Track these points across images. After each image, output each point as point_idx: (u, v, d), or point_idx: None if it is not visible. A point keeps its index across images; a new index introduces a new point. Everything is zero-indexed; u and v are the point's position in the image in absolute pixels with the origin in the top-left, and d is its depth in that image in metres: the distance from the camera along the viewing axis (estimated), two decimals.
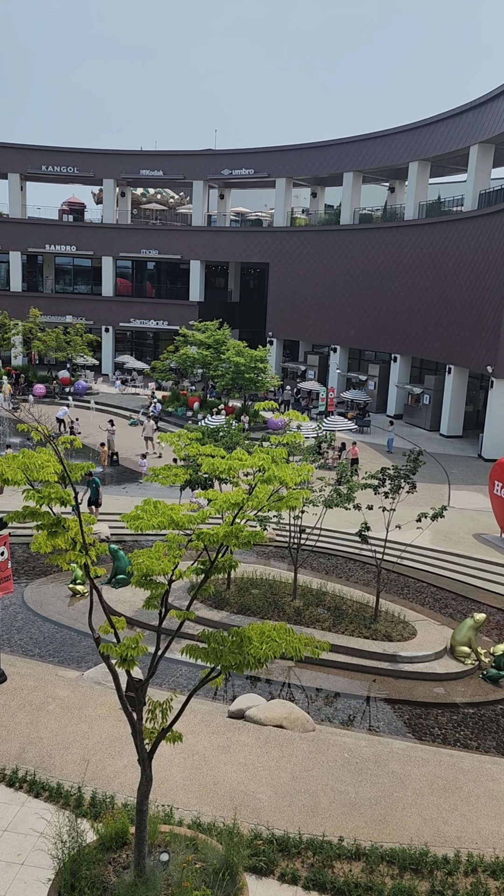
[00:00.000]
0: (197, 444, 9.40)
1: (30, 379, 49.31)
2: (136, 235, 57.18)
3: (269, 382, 41.08)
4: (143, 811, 8.58)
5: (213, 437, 21.58)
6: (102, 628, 8.55)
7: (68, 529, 8.39)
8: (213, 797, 11.22)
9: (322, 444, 21.90)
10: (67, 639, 17.56)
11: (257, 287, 61.82)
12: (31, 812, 10.64)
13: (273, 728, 13.24)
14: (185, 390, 46.44)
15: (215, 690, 15.41)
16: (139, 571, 8.01)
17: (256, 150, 53.66)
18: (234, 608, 18.63)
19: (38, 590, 20.29)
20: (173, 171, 55.90)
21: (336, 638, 17.20)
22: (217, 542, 8.06)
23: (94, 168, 56.38)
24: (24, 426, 9.54)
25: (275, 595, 19.26)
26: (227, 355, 40.32)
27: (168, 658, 15.46)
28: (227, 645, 8.13)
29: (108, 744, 12.41)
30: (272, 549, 24.17)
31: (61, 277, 61.73)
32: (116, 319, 56.94)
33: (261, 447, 9.57)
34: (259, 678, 16.23)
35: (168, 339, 53.09)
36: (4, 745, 12.21)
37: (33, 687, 14.16)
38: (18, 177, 56.18)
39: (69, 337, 48.15)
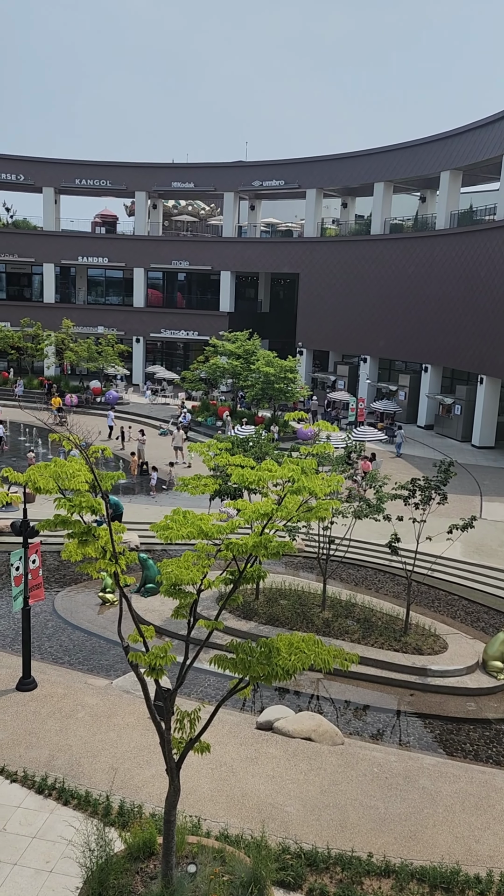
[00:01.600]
0: (226, 455, 9.42)
1: (62, 389, 49.90)
2: (167, 247, 57.69)
3: (298, 393, 41.04)
4: (171, 822, 8.57)
5: (243, 447, 21.60)
6: (131, 637, 8.59)
7: (98, 538, 8.46)
8: (241, 809, 11.16)
9: (351, 453, 21.79)
10: (97, 647, 17.65)
11: (287, 297, 61.91)
12: (59, 819, 10.68)
13: (301, 740, 13.14)
14: (215, 400, 46.60)
15: (243, 701, 15.36)
16: (168, 581, 8.04)
17: (287, 161, 53.89)
18: (263, 619, 18.57)
19: (69, 598, 20.44)
20: (204, 183, 56.37)
21: (365, 650, 17.04)
22: (246, 552, 8.06)
23: (126, 181, 57.09)
24: (56, 436, 9.65)
25: (303, 606, 19.16)
26: (256, 365, 40.38)
27: (196, 668, 15.46)
28: (256, 656, 8.10)
29: (137, 753, 12.43)
30: (301, 560, 24.07)
31: (93, 289, 62.51)
32: (147, 330, 57.43)
33: (290, 457, 9.55)
34: (287, 690, 16.14)
35: (198, 350, 53.39)
36: (34, 752, 12.29)
37: (63, 694, 14.25)
38: (53, 190, 57.11)
39: (101, 347, 48.68)
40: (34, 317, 53.12)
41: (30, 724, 13.15)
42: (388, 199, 48.73)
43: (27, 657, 14.45)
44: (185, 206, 66.69)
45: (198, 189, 57.23)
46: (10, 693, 14.16)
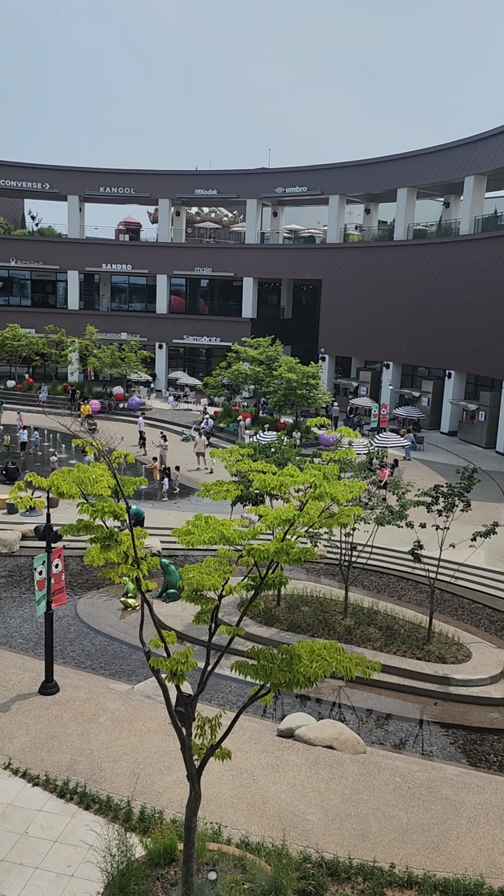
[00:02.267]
0: (248, 460, 9.42)
1: (85, 395, 50.27)
2: (190, 254, 58.00)
3: (320, 399, 40.97)
4: (192, 828, 8.55)
5: (265, 453, 21.58)
6: (153, 642, 8.60)
7: (121, 543, 8.49)
8: (262, 817, 11.10)
9: (373, 459, 21.68)
10: (118, 652, 17.70)
11: (310, 303, 61.88)
12: (81, 824, 10.71)
13: (323, 748, 13.06)
14: (238, 406, 46.66)
15: (264, 708, 15.30)
16: (190, 586, 8.05)
17: (310, 167, 53.95)
18: (284, 625, 18.50)
19: (91, 602, 20.54)
20: (227, 190, 56.60)
21: (388, 658, 16.90)
22: (267, 558, 8.04)
23: (150, 188, 57.52)
24: (80, 441, 9.71)
25: (325, 613, 19.07)
26: (279, 371, 40.39)
27: (217, 674, 15.43)
28: (277, 662, 8.07)
29: (158, 758, 12.43)
30: (323, 567, 23.97)
31: (117, 295, 62.96)
32: (170, 336, 57.71)
33: (312, 463, 9.52)
34: (309, 697, 16.05)
35: (220, 356, 53.51)
36: (56, 756, 12.35)
37: (85, 699, 14.31)
38: (77, 199, 57.70)
39: (124, 353, 48.98)
40: (59, 323, 53.61)
41: (52, 727, 13.22)
42: (411, 205, 48.57)
43: (49, 661, 14.53)
44: (208, 214, 67.00)
45: (221, 196, 57.47)
46: (33, 697, 14.24)
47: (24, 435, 36.96)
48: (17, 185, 56.95)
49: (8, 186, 56.81)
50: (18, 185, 56.97)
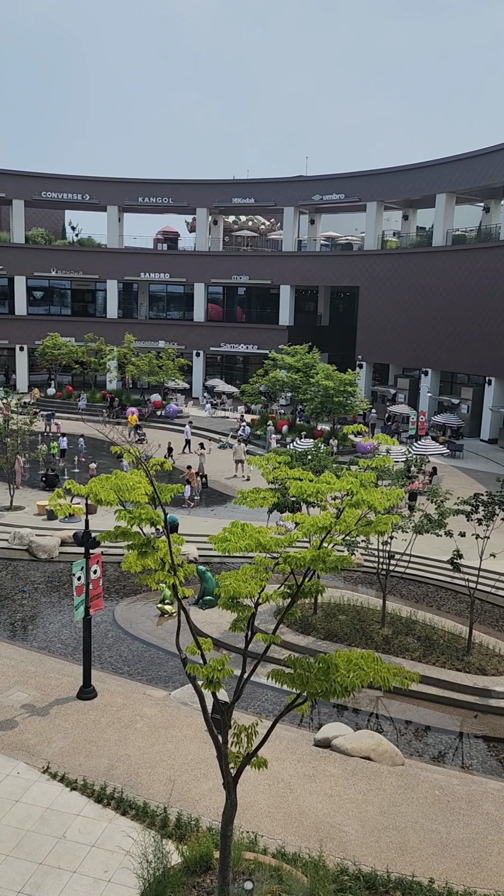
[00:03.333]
0: (285, 468, 9.39)
1: (123, 402, 50.80)
2: (227, 262, 58.30)
3: (358, 406, 40.75)
4: (228, 836, 8.52)
5: (302, 460, 21.53)
6: (189, 649, 8.61)
7: (158, 550, 8.53)
8: (299, 827, 11.02)
9: (411, 467, 21.46)
10: (155, 658, 17.78)
11: (347, 310, 61.67)
12: (118, 829, 10.75)
13: (360, 759, 12.91)
14: (274, 414, 46.67)
15: (301, 717, 15.21)
16: (226, 593, 8.04)
17: (347, 174, 53.86)
18: (321, 634, 18.38)
19: (128, 608, 20.69)
20: (265, 199, 56.81)
21: (426, 669, 16.66)
22: (304, 565, 8.00)
23: (188, 198, 58.04)
24: (118, 448, 9.80)
25: (362, 622, 18.89)
26: (316, 379, 40.29)
27: (254, 682, 15.40)
28: (314, 671, 8.01)
29: (194, 765, 12.43)
30: (360, 575, 23.77)
31: (155, 304, 63.57)
32: (207, 344, 58.03)
33: (349, 471, 9.46)
34: (346, 707, 15.91)
35: (257, 363, 53.60)
36: (94, 761, 12.43)
37: (122, 704, 14.39)
38: (117, 209, 58.50)
39: (161, 361, 49.39)
40: (97, 332, 54.32)
41: (89, 732, 13.32)
42: (450, 211, 48.11)
43: (87, 666, 14.66)
44: (245, 222, 67.31)
45: (258, 204, 57.70)
46: (71, 701, 14.38)
47: (63, 442, 37.42)
48: (58, 197, 57.98)
49: (49, 198, 57.85)
50: (59, 197, 58.00)
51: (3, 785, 11.72)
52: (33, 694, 14.61)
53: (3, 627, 19.12)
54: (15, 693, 14.60)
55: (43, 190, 57.36)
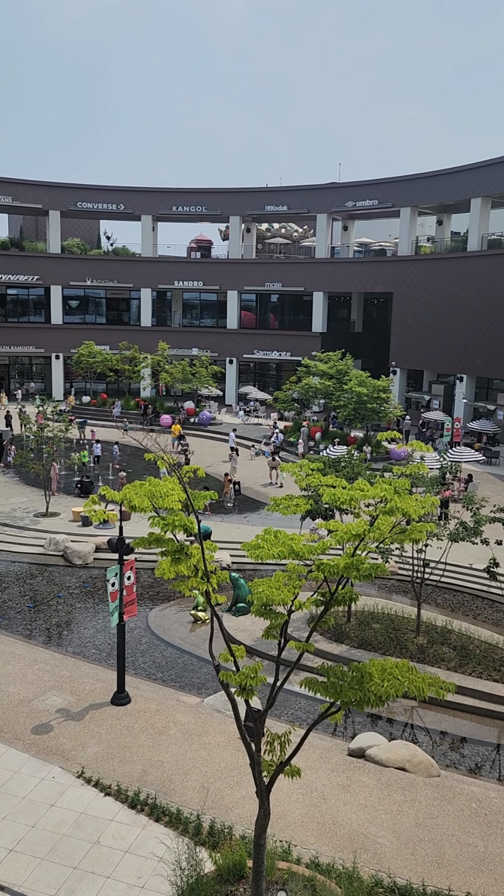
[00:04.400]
0: (318, 475, 9.36)
1: (157, 410, 51.17)
2: (260, 269, 58.47)
3: (391, 413, 40.46)
4: (261, 845, 8.47)
5: (335, 467, 21.44)
6: (222, 656, 8.61)
7: (191, 556, 8.56)
8: (332, 837, 10.92)
9: (446, 474, 21.22)
10: (188, 664, 17.81)
11: (381, 317, 61.35)
12: (151, 836, 10.77)
13: (395, 770, 12.76)
14: (308, 420, 46.59)
15: (334, 726, 15.09)
16: (259, 601, 8.03)
17: (380, 180, 53.68)
18: (355, 642, 18.24)
19: (162, 614, 20.77)
20: (297, 206, 56.88)
21: (462, 679, 16.42)
22: (337, 573, 7.95)
23: (221, 206, 58.38)
24: (152, 455, 9.86)
25: (397, 631, 18.70)
26: (349, 385, 40.14)
27: (287, 690, 15.33)
28: (347, 680, 7.95)
29: (227, 773, 12.40)
30: (394, 583, 23.55)
31: (188, 312, 64.00)
32: (240, 351, 58.20)
33: (383, 478, 9.39)
34: (380, 717, 15.74)
35: (290, 370, 53.60)
36: (128, 767, 12.48)
37: (155, 710, 14.44)
38: (151, 218, 59.11)
39: (195, 369, 49.66)
40: (132, 340, 54.85)
41: (123, 738, 13.38)
42: (485, 215, 47.61)
43: (122, 672, 14.75)
44: (278, 229, 67.43)
45: (291, 211, 57.80)
46: (105, 707, 14.47)
47: (97, 449, 37.81)
48: (94, 207, 58.81)
49: (84, 208, 58.70)
50: (94, 207, 58.82)
51: (39, 789, 11.84)
52: (68, 699, 14.74)
53: (38, 632, 19.35)
54: (50, 697, 14.75)
55: (78, 200, 58.23)
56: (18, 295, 60.14)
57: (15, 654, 16.98)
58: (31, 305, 60.60)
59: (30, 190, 57.31)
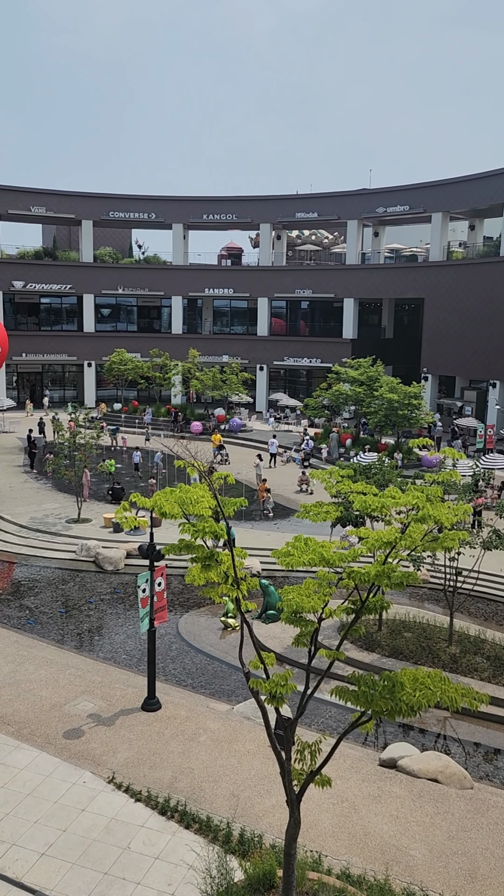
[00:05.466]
0: (349, 482, 9.30)
1: (188, 417, 51.41)
2: (290, 276, 58.53)
3: (423, 419, 40.14)
4: (292, 855, 8.42)
5: (366, 474, 21.31)
6: (252, 663, 8.59)
7: (221, 563, 8.56)
8: (363, 848, 10.80)
9: (479, 481, 20.95)
10: (218, 671, 17.80)
11: (412, 323, 60.96)
12: (181, 843, 10.76)
13: (427, 781, 12.59)
14: (338, 427, 46.42)
15: (365, 736, 14.95)
16: (289, 608, 7.99)
17: (411, 186, 53.43)
18: (386, 651, 18.07)
19: (192, 621, 20.81)
20: (328, 212, 56.87)
21: (496, 690, 16.15)
22: (368, 581, 7.89)
23: (251, 214, 58.62)
24: (182, 462, 9.90)
25: (428, 640, 18.48)
26: (380, 392, 39.91)
27: (317, 698, 15.21)
28: (379, 689, 7.87)
29: (257, 781, 12.35)
30: (426, 592, 23.29)
31: (219, 319, 64.29)
32: (270, 358, 58.26)
33: (414, 485, 9.30)
34: (412, 727, 15.56)
35: (321, 377, 53.48)
36: (158, 773, 12.50)
37: (185, 717, 14.45)
38: (182, 226, 59.57)
39: (225, 376, 49.81)
40: (163, 347, 55.24)
41: (154, 744, 13.41)
42: None
43: (152, 678, 14.79)
44: (308, 236, 67.46)
45: (321, 218, 57.80)
46: (136, 712, 14.52)
47: (136, 456, 37.71)
48: (125, 216, 59.46)
49: (117, 218, 59.39)
50: (126, 216, 59.47)
51: (70, 794, 11.91)
52: (99, 704, 14.83)
53: (70, 637, 19.51)
54: (82, 703, 14.85)
55: (111, 210, 58.94)
56: (52, 304, 60.99)
57: (47, 658, 17.15)
58: (64, 314, 61.40)
59: (63, 200, 58.17)
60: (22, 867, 10.25)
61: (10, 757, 12.89)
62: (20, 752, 13.07)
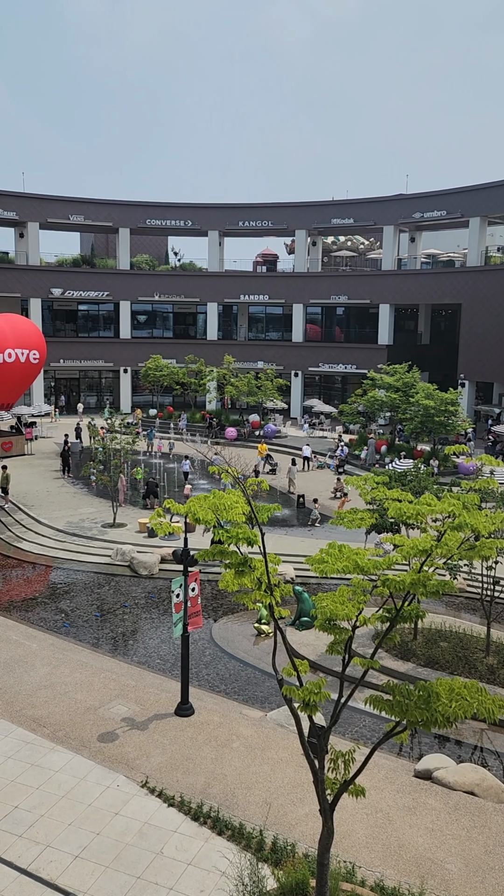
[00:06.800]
0: (384, 488, 9.23)
1: (222, 422, 51.58)
2: (325, 282, 58.43)
3: (459, 426, 39.67)
4: (325, 865, 8.35)
5: (401, 481, 21.11)
6: (286, 670, 8.55)
7: (255, 569, 8.55)
8: (398, 860, 10.65)
9: None
10: (252, 677, 17.77)
11: (449, 328, 60.35)
12: (213, 849, 10.74)
13: (463, 794, 12.38)
14: (373, 433, 46.14)
15: (400, 746, 14.76)
16: (323, 615, 7.94)
17: (449, 190, 52.98)
18: (421, 660, 17.85)
19: (226, 626, 20.82)
20: (364, 218, 56.68)
21: None
22: (403, 589, 7.80)
23: (287, 220, 58.72)
24: (216, 468, 9.93)
25: (465, 650, 18.21)
26: (416, 398, 39.58)
27: (351, 707, 15.09)
28: (414, 699, 7.77)
29: (290, 789, 12.28)
30: (463, 601, 22.97)
31: (254, 325, 64.46)
32: (305, 364, 58.19)
33: (451, 492, 9.19)
34: (448, 738, 15.33)
35: (356, 383, 53.27)
36: (190, 778, 12.51)
37: (219, 723, 14.44)
38: (217, 233, 59.94)
39: (260, 382, 49.91)
40: (198, 353, 55.58)
41: (187, 749, 13.43)
42: None
43: (185, 683, 14.82)
44: (344, 242, 67.30)
45: (357, 224, 57.64)
46: (169, 717, 14.56)
47: (186, 465, 36.29)
48: (162, 224, 60.05)
49: (153, 225, 60.01)
50: (163, 224, 60.06)
51: (104, 797, 11.98)
52: (133, 708, 14.91)
53: (105, 641, 19.67)
54: (116, 706, 14.94)
55: (147, 218, 59.57)
56: (89, 310, 61.82)
57: (83, 661, 17.31)
58: (101, 320, 62.19)
59: (101, 208, 58.98)
60: (56, 869, 10.34)
61: (45, 759, 13.02)
62: (55, 754, 13.20)
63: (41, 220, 57.11)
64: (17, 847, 10.78)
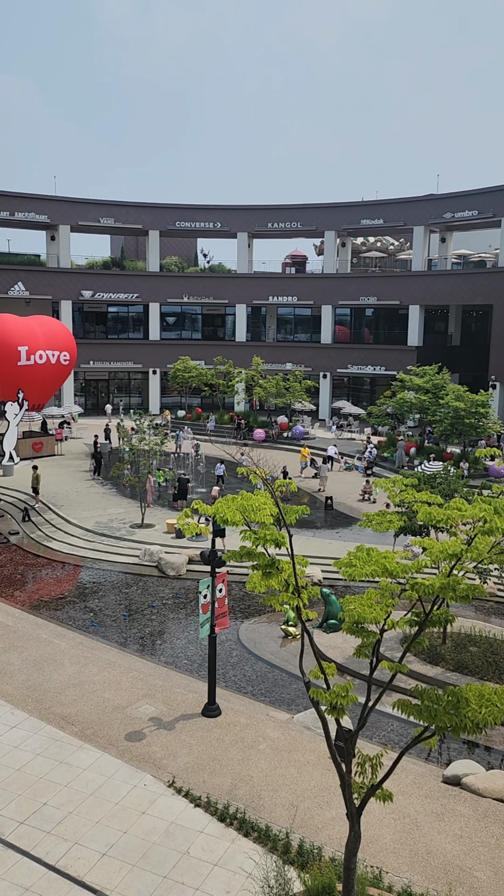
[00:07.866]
0: (413, 491, 9.16)
1: (250, 424, 51.60)
2: (354, 283, 58.18)
3: (490, 428, 39.21)
4: (351, 869, 8.30)
5: (430, 483, 20.94)
6: (313, 673, 8.53)
7: (282, 571, 8.54)
8: (426, 867, 10.55)
9: None
10: (279, 679, 17.74)
11: (480, 330, 59.70)
12: (239, 850, 10.74)
13: (493, 801, 12.22)
14: (401, 436, 45.81)
15: (428, 751, 14.63)
16: (351, 618, 7.91)
17: (480, 190, 52.43)
18: (450, 665, 17.66)
19: (253, 628, 20.82)
20: (394, 219, 56.33)
21: None
22: (432, 593, 7.73)
23: (316, 221, 58.59)
24: (244, 469, 9.95)
25: (495, 655, 17.98)
26: (445, 400, 39.21)
27: (378, 710, 14.99)
28: (443, 704, 7.69)
29: (317, 792, 12.24)
30: (493, 605, 22.68)
31: (282, 326, 64.42)
32: (334, 366, 58.00)
33: (482, 496, 9.08)
34: (477, 744, 15.14)
35: (385, 385, 52.92)
36: (217, 779, 12.53)
37: (245, 724, 14.44)
38: (247, 235, 60.03)
39: (288, 383, 49.84)
40: (226, 355, 55.69)
41: (213, 750, 13.45)
42: None
43: (212, 684, 14.85)
44: (373, 243, 66.96)
45: (387, 225, 57.29)
46: (196, 718, 14.60)
47: (220, 469, 35.49)
48: (191, 226, 60.30)
49: (183, 227, 60.29)
50: (192, 226, 60.30)
51: (131, 796, 12.06)
52: (160, 708, 14.98)
53: (133, 641, 19.79)
54: (143, 706, 15.03)
55: (177, 220, 59.87)
56: (119, 312, 62.32)
57: (111, 661, 17.43)
58: (131, 322, 62.64)
59: (131, 211, 59.44)
60: (84, 866, 10.43)
61: (73, 757, 13.15)
62: (83, 752, 13.31)
63: (72, 222, 57.72)
64: (46, 843, 10.90)
